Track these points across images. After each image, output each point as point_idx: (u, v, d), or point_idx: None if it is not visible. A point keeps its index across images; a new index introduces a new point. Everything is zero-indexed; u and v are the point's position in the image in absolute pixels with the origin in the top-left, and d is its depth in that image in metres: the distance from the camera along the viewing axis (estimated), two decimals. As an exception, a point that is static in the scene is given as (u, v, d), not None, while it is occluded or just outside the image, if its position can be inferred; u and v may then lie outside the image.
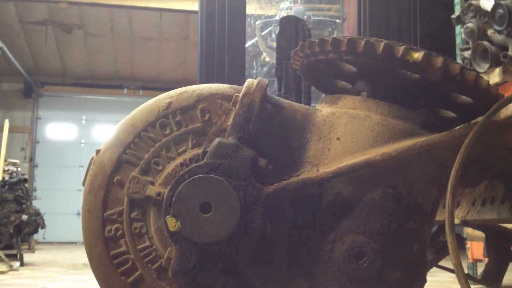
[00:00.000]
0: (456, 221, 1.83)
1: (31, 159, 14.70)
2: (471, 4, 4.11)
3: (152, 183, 1.31)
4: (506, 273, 2.21)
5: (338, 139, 1.30)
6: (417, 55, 1.23)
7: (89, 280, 4.86)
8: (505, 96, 1.22)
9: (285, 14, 9.08)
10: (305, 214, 1.27)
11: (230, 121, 1.31)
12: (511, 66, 3.53)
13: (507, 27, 3.64)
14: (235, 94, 1.33)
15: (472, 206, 1.75)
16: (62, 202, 14.25)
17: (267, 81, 1.32)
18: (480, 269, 4.10)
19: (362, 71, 1.39)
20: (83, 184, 1.37)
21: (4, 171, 7.37)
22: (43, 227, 8.23)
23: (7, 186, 7.19)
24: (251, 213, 1.20)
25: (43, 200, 13.10)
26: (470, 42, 4.03)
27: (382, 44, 1.25)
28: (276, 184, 1.24)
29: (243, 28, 3.42)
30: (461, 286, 1.14)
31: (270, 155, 1.28)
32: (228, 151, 1.23)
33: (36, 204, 10.19)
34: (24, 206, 7.26)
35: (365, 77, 1.41)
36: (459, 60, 4.38)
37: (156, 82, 15.16)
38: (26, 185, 7.73)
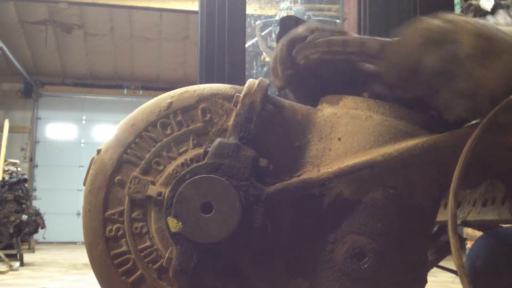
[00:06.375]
0: (457, 221, 1.82)
1: (31, 159, 14.71)
2: (471, 4, 4.10)
3: (153, 183, 1.30)
4: (507, 274, 2.20)
5: (339, 139, 1.30)
6: None
7: (89, 280, 4.86)
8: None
9: (285, 14, 9.09)
10: (306, 214, 1.27)
11: (231, 121, 1.30)
12: None
13: (508, 28, 3.64)
14: (236, 94, 1.33)
15: (473, 206, 1.74)
16: (62, 202, 14.26)
17: (268, 81, 1.32)
18: (480, 269, 4.08)
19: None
20: (84, 184, 1.36)
21: (4, 171, 7.37)
22: (43, 227, 8.23)
23: (7, 186, 7.19)
24: (252, 213, 1.19)
25: (43, 200, 13.10)
26: (471, 42, 4.03)
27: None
28: (277, 184, 1.24)
29: (243, 28, 3.41)
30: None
31: (271, 155, 1.28)
32: (229, 151, 1.23)
33: (36, 204, 10.19)
34: (24, 206, 7.27)
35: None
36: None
37: (156, 82, 15.16)
38: (26, 185, 7.74)
